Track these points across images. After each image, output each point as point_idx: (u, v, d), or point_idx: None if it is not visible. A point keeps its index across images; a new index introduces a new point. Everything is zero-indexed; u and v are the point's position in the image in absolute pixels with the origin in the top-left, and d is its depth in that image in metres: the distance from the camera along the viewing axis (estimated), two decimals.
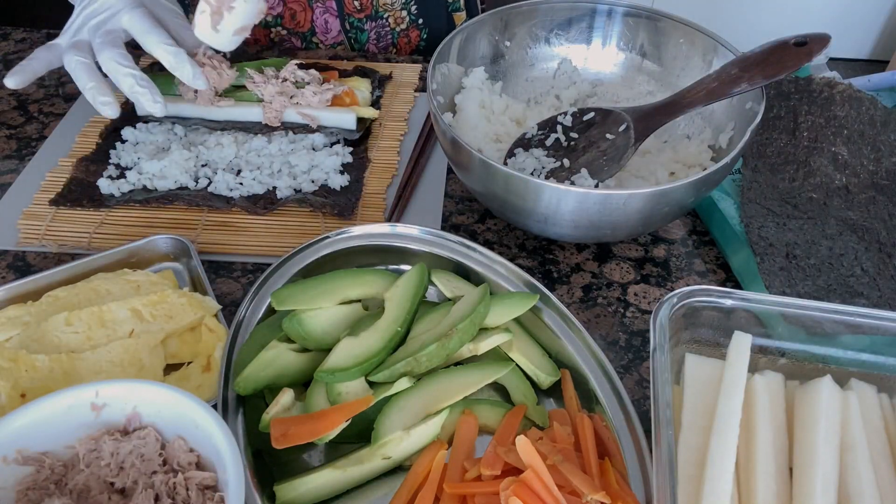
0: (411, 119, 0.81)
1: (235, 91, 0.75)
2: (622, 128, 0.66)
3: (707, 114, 0.71)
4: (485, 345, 0.53)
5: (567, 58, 0.78)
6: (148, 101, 0.65)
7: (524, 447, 0.43)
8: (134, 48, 0.67)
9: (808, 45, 0.61)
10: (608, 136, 0.66)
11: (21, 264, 0.64)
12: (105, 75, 0.65)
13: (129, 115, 0.75)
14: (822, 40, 0.61)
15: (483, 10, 0.95)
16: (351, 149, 0.75)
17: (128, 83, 0.64)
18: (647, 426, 0.47)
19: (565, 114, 0.69)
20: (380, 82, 0.83)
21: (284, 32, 0.96)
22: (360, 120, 0.76)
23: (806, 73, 0.75)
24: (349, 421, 0.47)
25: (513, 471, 0.45)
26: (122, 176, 0.70)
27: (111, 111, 0.65)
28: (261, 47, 0.94)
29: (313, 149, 0.74)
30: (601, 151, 0.66)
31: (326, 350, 0.51)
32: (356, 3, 0.92)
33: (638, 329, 0.61)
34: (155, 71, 0.76)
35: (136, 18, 0.65)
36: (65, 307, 0.56)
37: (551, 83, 0.77)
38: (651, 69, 0.76)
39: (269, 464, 0.49)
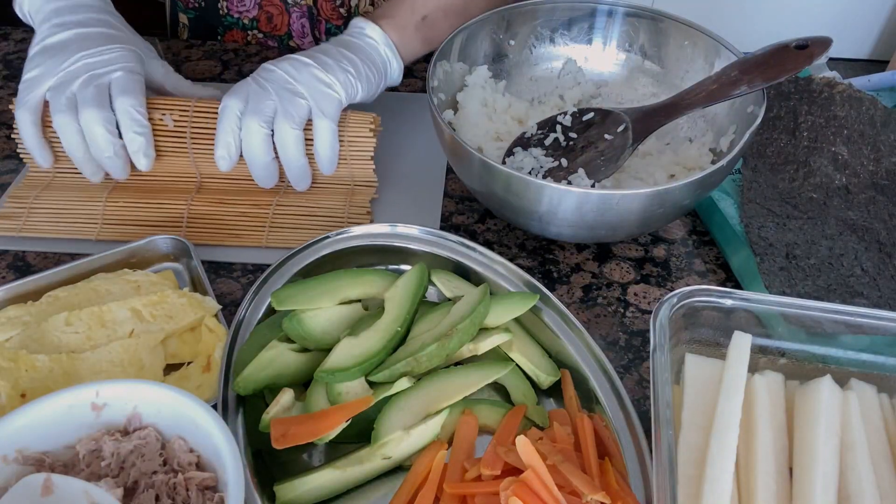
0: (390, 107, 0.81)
1: None
2: (621, 128, 0.66)
3: (710, 116, 0.71)
4: (485, 345, 0.53)
5: (572, 58, 0.78)
6: (117, 171, 0.66)
7: (524, 447, 0.43)
8: None
9: (808, 48, 0.61)
10: (607, 136, 0.66)
11: (21, 264, 0.64)
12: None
13: None
14: (823, 43, 0.61)
15: None
16: None
17: (108, 151, 0.64)
18: (647, 426, 0.47)
19: (565, 114, 0.69)
20: None
21: (261, 36, 0.95)
22: None
23: (806, 73, 0.75)
24: (349, 421, 0.47)
25: (513, 471, 0.45)
26: None
27: (98, 177, 0.67)
28: (238, 48, 0.94)
29: None
30: (599, 152, 0.66)
31: (326, 350, 0.51)
32: (340, 10, 0.92)
33: (638, 329, 0.61)
34: None
35: (122, 84, 0.64)
36: (65, 307, 0.56)
37: (556, 83, 0.77)
38: (653, 70, 0.76)
39: (269, 464, 0.49)
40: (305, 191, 0.69)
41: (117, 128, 0.64)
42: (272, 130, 0.64)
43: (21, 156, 0.71)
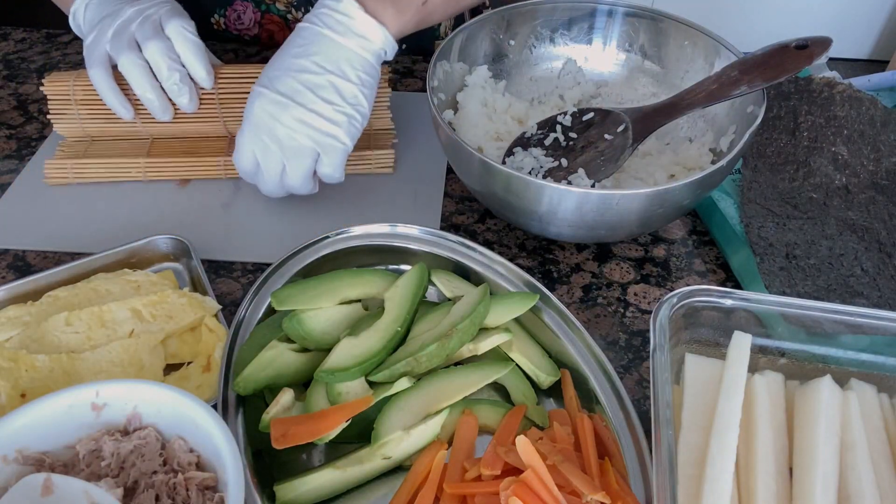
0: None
1: None
2: (621, 128, 0.66)
3: (709, 117, 0.71)
4: (485, 345, 0.53)
5: (572, 58, 0.78)
6: (185, 99, 0.69)
7: (524, 447, 0.43)
8: None
9: (808, 48, 0.61)
10: (607, 136, 0.66)
11: (21, 264, 0.64)
12: None
13: None
14: (823, 44, 0.61)
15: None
16: None
17: (174, 78, 0.67)
18: (647, 426, 0.47)
19: (565, 114, 0.69)
20: None
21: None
22: None
23: (806, 73, 0.75)
24: (349, 421, 0.47)
25: (513, 471, 0.45)
26: None
27: (168, 115, 0.70)
28: (239, 49, 0.94)
29: None
30: (599, 152, 0.66)
31: (326, 350, 0.51)
32: None
33: (638, 329, 0.61)
34: None
35: (172, 12, 0.68)
36: (65, 307, 0.56)
37: (556, 83, 0.77)
38: (653, 70, 0.76)
39: (269, 464, 0.49)
40: None
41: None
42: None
43: (55, 126, 0.72)
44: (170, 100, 0.69)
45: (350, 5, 0.62)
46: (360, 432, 0.48)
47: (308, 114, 0.61)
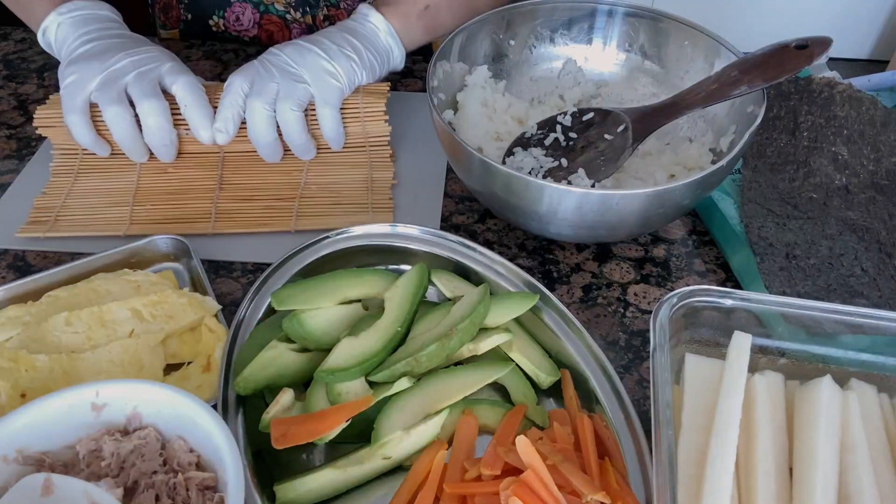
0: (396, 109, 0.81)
1: None
2: (621, 128, 0.66)
3: (709, 116, 0.71)
4: (485, 345, 0.53)
5: (572, 58, 0.78)
6: (170, 157, 0.70)
7: (524, 447, 0.43)
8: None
9: (808, 48, 0.61)
10: (607, 136, 0.66)
11: (21, 264, 0.64)
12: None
13: None
14: (823, 43, 0.61)
15: None
16: None
17: (164, 140, 0.68)
18: (647, 426, 0.47)
19: (565, 114, 0.69)
20: None
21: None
22: None
23: (806, 73, 0.75)
24: (349, 421, 0.47)
25: (513, 471, 0.45)
26: None
27: (144, 159, 0.70)
28: (239, 49, 0.94)
29: None
30: (599, 152, 0.66)
31: (326, 350, 0.51)
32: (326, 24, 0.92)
33: (638, 329, 0.61)
34: None
35: (178, 69, 0.68)
36: (65, 307, 0.56)
37: (556, 83, 0.77)
38: (653, 70, 0.76)
39: (269, 464, 0.49)
40: (327, 183, 0.71)
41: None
42: (275, 111, 0.67)
43: (54, 154, 0.72)
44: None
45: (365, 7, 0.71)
46: (360, 432, 0.48)
47: (311, 50, 0.67)
